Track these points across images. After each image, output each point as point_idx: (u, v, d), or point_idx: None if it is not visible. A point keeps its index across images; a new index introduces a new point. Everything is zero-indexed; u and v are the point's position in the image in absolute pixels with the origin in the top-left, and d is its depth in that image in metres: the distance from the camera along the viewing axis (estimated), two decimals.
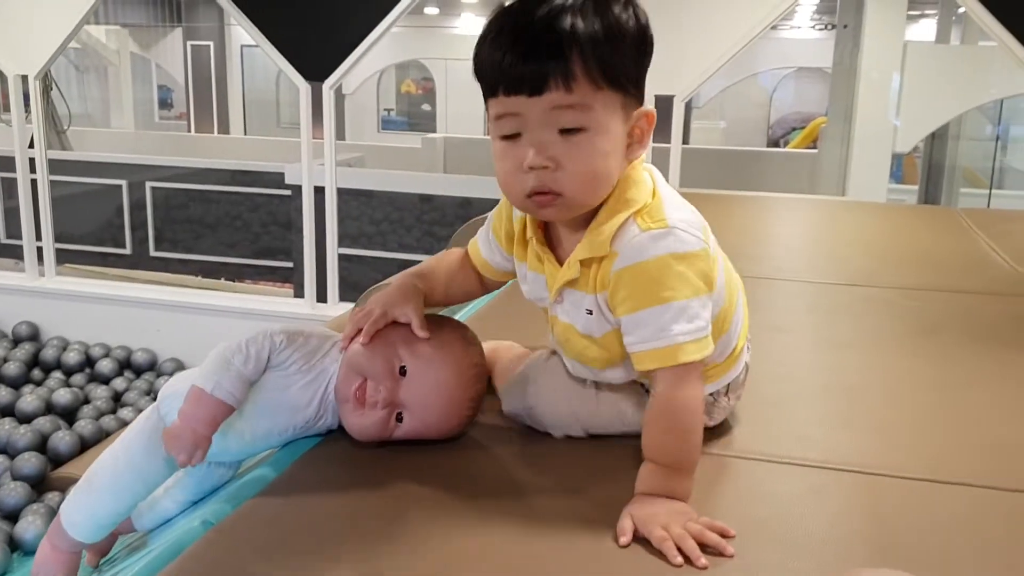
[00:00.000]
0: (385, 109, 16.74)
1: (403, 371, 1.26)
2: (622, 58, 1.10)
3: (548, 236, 1.26)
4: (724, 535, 1.06)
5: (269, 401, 1.28)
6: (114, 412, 4.95)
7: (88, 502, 1.31)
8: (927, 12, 10.88)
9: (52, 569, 1.33)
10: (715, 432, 1.38)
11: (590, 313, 1.20)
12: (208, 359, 1.25)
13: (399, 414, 1.26)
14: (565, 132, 1.09)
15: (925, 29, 11.41)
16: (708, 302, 1.15)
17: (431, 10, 14.55)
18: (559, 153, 1.10)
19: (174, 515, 1.39)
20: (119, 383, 5.32)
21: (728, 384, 1.34)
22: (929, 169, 7.99)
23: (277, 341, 1.27)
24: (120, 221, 8.47)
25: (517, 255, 1.31)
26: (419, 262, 1.51)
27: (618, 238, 1.14)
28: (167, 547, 1.15)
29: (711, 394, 1.32)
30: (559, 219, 1.20)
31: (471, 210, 6.32)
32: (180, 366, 5.49)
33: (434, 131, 13.36)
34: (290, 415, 1.29)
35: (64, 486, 4.01)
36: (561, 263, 1.22)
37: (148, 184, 8.34)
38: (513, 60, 1.07)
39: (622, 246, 1.13)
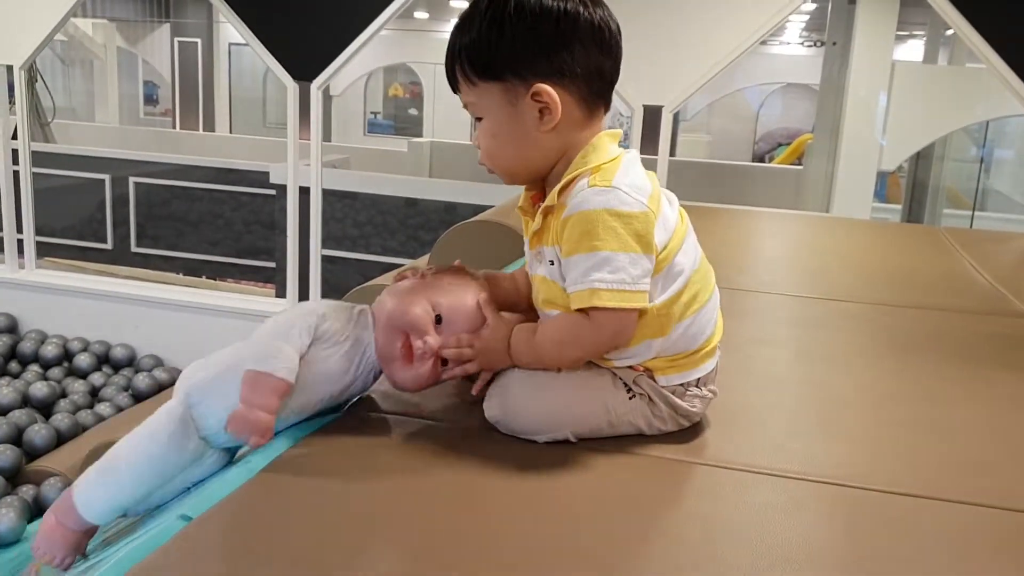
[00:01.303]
0: (372, 112, 16.71)
1: (439, 319, 1.34)
2: (492, 55, 1.28)
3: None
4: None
5: (313, 374, 1.32)
6: (91, 407, 4.92)
7: (107, 488, 1.31)
8: (915, 32, 10.95)
9: (56, 545, 1.34)
10: (693, 440, 1.38)
11: (552, 264, 1.31)
12: (256, 342, 1.30)
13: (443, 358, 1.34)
14: (478, 120, 1.34)
15: (913, 49, 11.49)
16: (640, 260, 1.24)
17: (420, 14, 14.55)
18: (478, 135, 1.35)
19: (166, 501, 1.38)
20: (97, 378, 5.29)
21: (699, 378, 1.38)
22: (913, 188, 8.05)
23: (320, 313, 1.35)
24: (102, 216, 8.42)
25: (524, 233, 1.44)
26: (402, 265, 1.53)
27: (569, 191, 1.27)
28: (143, 541, 1.13)
29: (682, 384, 1.36)
30: (509, 184, 1.40)
31: (456, 215, 6.31)
32: (159, 362, 5.46)
33: (421, 135, 13.35)
34: (328, 385, 1.35)
35: (39, 479, 3.98)
36: None
37: (131, 179, 8.30)
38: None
39: (570, 199, 1.26)
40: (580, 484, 1.22)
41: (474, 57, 1.30)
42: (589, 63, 1.29)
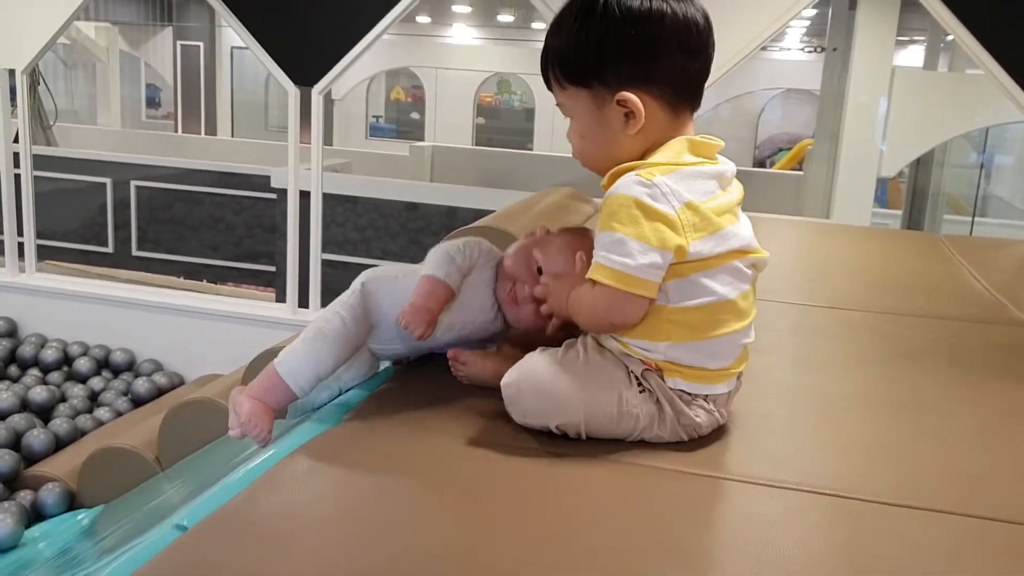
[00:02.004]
0: (374, 116, 16.73)
1: (540, 271, 1.51)
2: (579, 63, 1.35)
3: None
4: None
5: (466, 297, 1.55)
6: (90, 411, 4.91)
7: (311, 356, 1.47)
8: (916, 39, 10.96)
9: (262, 423, 1.44)
10: (690, 450, 1.37)
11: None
12: (430, 259, 1.54)
13: None
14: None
15: (913, 55, 11.50)
16: (650, 253, 1.27)
17: (423, 19, 14.57)
18: (570, 133, 1.44)
19: (335, 397, 1.58)
20: (96, 382, 5.28)
21: (708, 395, 1.38)
22: (913, 194, 8.05)
23: (484, 248, 1.59)
24: (103, 219, 8.42)
25: None
26: None
27: (620, 177, 1.32)
28: (138, 551, 1.13)
29: (689, 393, 1.37)
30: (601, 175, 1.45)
31: (456, 219, 6.31)
32: (158, 367, 5.46)
33: (422, 139, 13.34)
34: (476, 312, 1.57)
35: (37, 484, 3.98)
36: None
37: (133, 183, 8.30)
38: None
39: (616, 182, 1.32)
40: (577, 494, 1.22)
41: (563, 63, 1.38)
42: (674, 68, 1.34)
